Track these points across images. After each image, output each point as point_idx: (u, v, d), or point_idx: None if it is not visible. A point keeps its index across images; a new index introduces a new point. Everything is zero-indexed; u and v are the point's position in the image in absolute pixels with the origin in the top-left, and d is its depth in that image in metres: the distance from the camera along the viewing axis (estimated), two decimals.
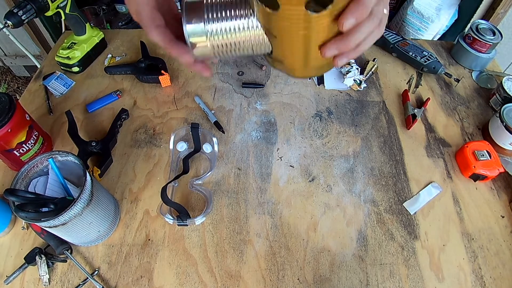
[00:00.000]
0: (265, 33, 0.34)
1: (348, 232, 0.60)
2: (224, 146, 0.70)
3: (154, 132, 0.71)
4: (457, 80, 0.81)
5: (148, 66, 0.81)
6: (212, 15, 0.33)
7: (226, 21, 0.33)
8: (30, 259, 0.53)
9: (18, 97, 1.85)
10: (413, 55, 0.85)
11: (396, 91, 0.82)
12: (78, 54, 0.80)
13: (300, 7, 0.28)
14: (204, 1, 0.34)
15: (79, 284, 0.53)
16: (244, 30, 0.33)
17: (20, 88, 1.97)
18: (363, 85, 0.81)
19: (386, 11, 0.34)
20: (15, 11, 0.64)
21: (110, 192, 0.61)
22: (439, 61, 0.83)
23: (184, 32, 0.34)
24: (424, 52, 0.85)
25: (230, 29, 0.33)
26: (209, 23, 0.33)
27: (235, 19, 0.33)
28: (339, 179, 0.66)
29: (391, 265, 0.56)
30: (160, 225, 0.59)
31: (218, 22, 0.33)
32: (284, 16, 0.30)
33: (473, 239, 0.60)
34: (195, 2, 0.34)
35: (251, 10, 0.33)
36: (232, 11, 0.33)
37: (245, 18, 0.33)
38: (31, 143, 0.61)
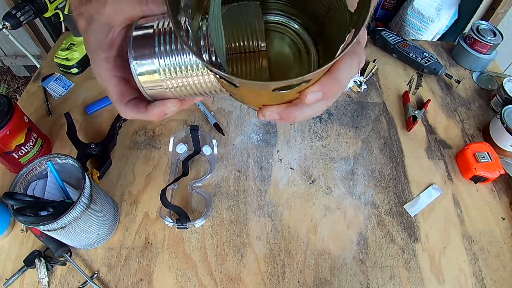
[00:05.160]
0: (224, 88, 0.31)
1: (348, 234, 0.59)
2: (224, 148, 0.69)
3: (153, 134, 0.71)
4: (458, 81, 0.81)
5: None
6: (165, 49, 0.29)
7: (180, 57, 0.29)
8: (29, 262, 0.53)
9: (18, 97, 1.85)
10: (414, 56, 0.84)
11: (397, 93, 0.81)
12: (77, 55, 0.79)
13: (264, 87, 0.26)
14: (154, 31, 0.30)
15: (79, 287, 0.52)
16: (200, 74, 0.30)
17: (20, 88, 1.97)
18: (363, 86, 0.81)
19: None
20: (13, 12, 0.63)
21: (109, 194, 0.60)
22: (439, 62, 0.83)
23: (132, 71, 0.30)
24: (424, 53, 0.84)
25: (184, 68, 0.30)
26: (161, 57, 0.29)
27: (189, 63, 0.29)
28: (340, 181, 0.66)
29: (392, 267, 0.56)
30: (159, 228, 0.59)
31: (171, 56, 0.29)
32: (245, 89, 0.27)
33: (473, 241, 0.60)
34: (144, 35, 0.30)
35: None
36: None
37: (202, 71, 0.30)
38: (30, 145, 0.61)
